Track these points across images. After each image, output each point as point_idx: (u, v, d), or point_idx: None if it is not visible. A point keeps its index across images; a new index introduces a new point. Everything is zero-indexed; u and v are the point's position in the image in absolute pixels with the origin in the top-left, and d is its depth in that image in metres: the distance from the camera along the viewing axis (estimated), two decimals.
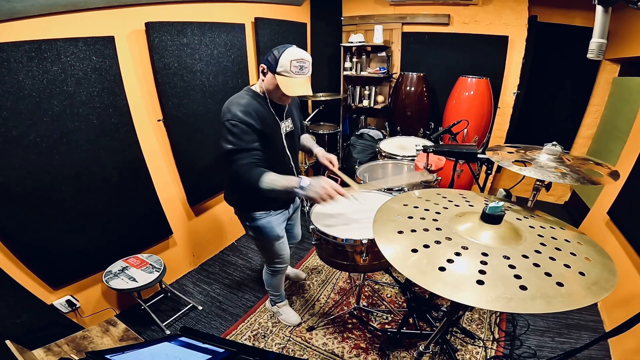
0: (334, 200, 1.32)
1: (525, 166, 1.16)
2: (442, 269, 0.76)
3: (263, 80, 1.38)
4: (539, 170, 1.11)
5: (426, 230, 0.93)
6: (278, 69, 1.28)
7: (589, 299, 0.67)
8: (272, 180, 1.33)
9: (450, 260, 0.79)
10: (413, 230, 0.93)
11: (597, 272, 0.75)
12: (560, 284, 0.70)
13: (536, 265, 0.77)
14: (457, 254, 0.81)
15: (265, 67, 1.34)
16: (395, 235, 0.91)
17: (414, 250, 0.84)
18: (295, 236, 2.03)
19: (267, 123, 1.41)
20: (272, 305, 2.12)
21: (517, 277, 0.73)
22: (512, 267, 0.76)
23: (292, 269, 2.47)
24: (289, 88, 1.30)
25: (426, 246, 0.85)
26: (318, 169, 3.58)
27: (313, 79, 1.41)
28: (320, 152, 1.71)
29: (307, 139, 1.79)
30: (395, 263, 0.81)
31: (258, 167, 1.35)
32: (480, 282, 0.72)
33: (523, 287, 0.70)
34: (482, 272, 0.74)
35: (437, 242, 0.87)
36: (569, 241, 0.88)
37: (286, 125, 1.52)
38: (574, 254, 0.82)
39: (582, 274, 0.75)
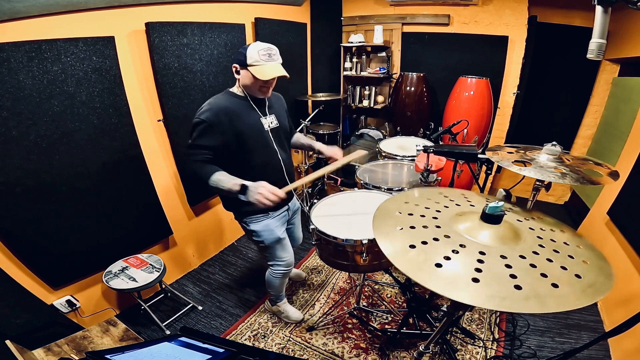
0: (273, 201, 1.35)
1: (525, 166, 1.16)
2: (438, 265, 0.77)
3: (239, 80, 1.45)
4: (539, 171, 1.11)
5: (425, 227, 0.93)
6: (249, 62, 1.36)
7: (583, 301, 0.67)
8: (218, 180, 1.38)
9: (447, 258, 0.79)
10: (412, 227, 0.93)
11: (593, 275, 0.75)
12: (555, 285, 0.70)
13: (533, 266, 0.76)
14: (455, 251, 0.81)
15: (237, 66, 1.42)
16: (394, 232, 0.91)
17: (412, 246, 0.84)
18: (296, 239, 2.02)
19: (245, 120, 1.46)
20: (273, 305, 2.12)
21: (513, 276, 0.73)
22: (508, 266, 0.76)
23: (293, 269, 2.46)
24: (263, 73, 1.37)
25: (424, 243, 0.85)
26: (319, 168, 3.58)
27: (313, 78, 1.42)
28: (323, 147, 1.77)
29: (302, 137, 1.86)
30: (392, 258, 0.81)
31: (209, 165, 1.41)
32: (475, 280, 0.72)
33: (518, 287, 0.69)
34: (478, 270, 0.74)
35: (435, 240, 0.87)
36: (568, 244, 0.88)
37: (270, 121, 1.56)
38: (572, 257, 0.82)
39: (578, 276, 0.74)
